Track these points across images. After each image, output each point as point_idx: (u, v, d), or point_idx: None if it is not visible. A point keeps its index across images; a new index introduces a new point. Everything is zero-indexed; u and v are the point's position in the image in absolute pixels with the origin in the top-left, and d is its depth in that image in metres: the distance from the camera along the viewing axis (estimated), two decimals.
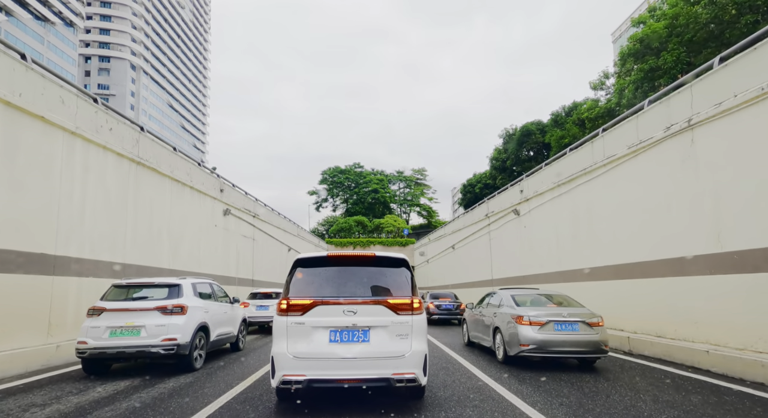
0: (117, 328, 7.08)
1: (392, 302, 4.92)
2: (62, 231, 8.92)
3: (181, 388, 6.35)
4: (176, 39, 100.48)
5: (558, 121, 39.62)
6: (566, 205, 14.32)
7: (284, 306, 4.89)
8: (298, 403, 5.35)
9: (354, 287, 5.09)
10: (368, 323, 4.82)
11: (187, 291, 7.94)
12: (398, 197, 78.77)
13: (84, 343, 6.97)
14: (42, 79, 8.43)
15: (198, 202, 16.00)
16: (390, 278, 5.25)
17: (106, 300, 7.46)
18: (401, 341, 4.84)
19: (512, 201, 19.43)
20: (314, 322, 4.81)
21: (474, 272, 25.51)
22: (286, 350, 4.76)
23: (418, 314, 4.94)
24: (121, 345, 6.98)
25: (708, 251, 8.21)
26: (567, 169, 14.25)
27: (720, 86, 8.01)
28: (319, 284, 5.13)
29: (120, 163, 11.05)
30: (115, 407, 5.30)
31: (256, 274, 23.31)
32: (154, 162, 12.66)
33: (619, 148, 11.13)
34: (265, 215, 25.42)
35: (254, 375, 7.17)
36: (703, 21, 19.48)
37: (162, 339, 7.11)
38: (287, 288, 5.10)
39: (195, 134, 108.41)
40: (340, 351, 4.72)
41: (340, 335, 4.80)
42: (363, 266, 5.30)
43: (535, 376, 7.13)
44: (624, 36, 66.99)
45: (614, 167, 11.43)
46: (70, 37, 69.16)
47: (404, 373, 4.70)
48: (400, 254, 5.51)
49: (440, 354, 9.52)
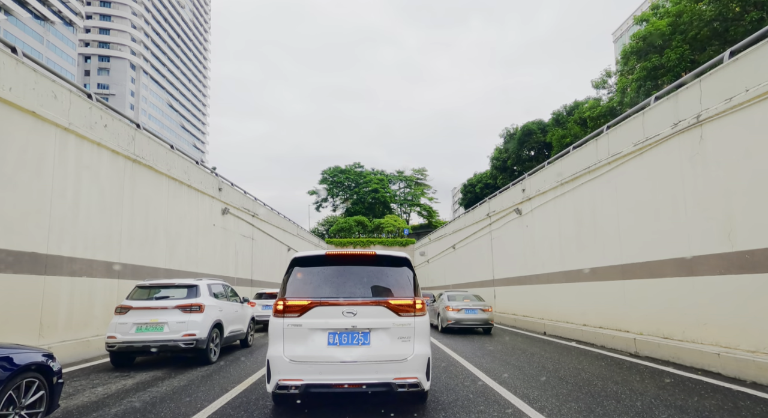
0: (142, 324, 7.82)
1: (394, 302, 4.65)
2: (54, 230, 8.70)
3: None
4: (176, 39, 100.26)
5: (559, 121, 39.40)
6: (569, 204, 14.09)
7: (281, 307, 4.66)
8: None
9: (354, 287, 4.80)
10: (368, 324, 4.57)
11: (203, 291, 8.62)
12: (398, 197, 78.56)
13: (113, 337, 7.73)
14: (33, 74, 8.20)
15: (196, 201, 15.78)
16: (391, 278, 4.95)
17: (132, 299, 8.19)
18: (403, 343, 4.58)
19: (514, 200, 19.21)
20: (312, 324, 4.56)
21: (475, 272, 25.28)
22: (282, 353, 4.52)
23: (420, 316, 4.70)
24: (146, 339, 7.70)
25: (718, 250, 7.98)
26: (570, 167, 14.03)
27: (730, 81, 7.77)
28: (317, 284, 4.85)
29: (115, 160, 10.82)
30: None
31: (255, 274, 23.08)
32: (151, 160, 12.44)
33: (625, 146, 10.90)
34: (265, 215, 25.20)
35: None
36: (707, 18, 19.23)
37: (183, 334, 7.84)
38: (284, 288, 4.87)
39: (195, 134, 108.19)
40: (339, 354, 4.48)
41: (339, 338, 4.54)
42: (363, 266, 5.01)
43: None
44: (625, 35, 66.77)
45: (619, 165, 11.20)
46: (69, 37, 68.96)
47: (406, 377, 4.45)
48: (402, 252, 5.26)
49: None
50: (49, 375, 4.23)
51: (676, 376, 7.12)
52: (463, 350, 10.18)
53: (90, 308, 9.74)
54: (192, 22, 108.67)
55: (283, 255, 29.68)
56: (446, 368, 7.84)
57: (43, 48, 62.65)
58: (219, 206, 18.13)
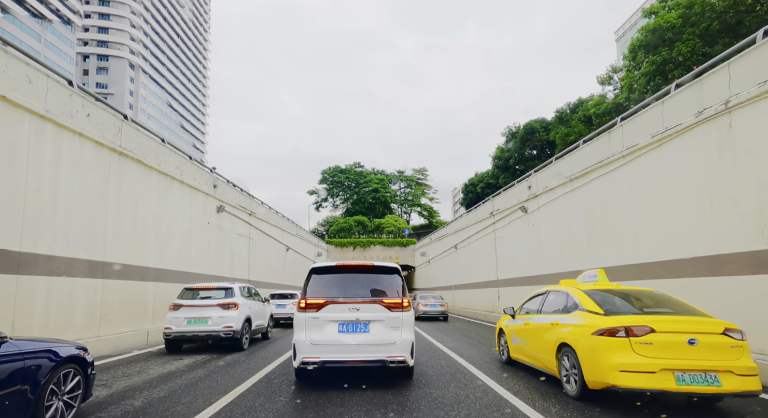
0: (192, 318, 9.83)
1: (387, 301, 6.05)
2: (29, 225, 8.04)
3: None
4: (176, 38, 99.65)
5: (563, 119, 38.70)
6: (580, 200, 13.43)
7: (303, 304, 6.05)
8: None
9: (357, 290, 6.20)
10: (368, 317, 5.98)
11: (237, 292, 10.60)
12: (399, 197, 77.80)
13: (169, 328, 9.77)
14: (3, 55, 7.55)
15: (189, 197, 15.13)
16: (385, 283, 6.33)
17: (182, 299, 10.23)
18: (393, 331, 5.97)
19: (519, 198, 18.54)
20: (326, 317, 5.96)
21: (478, 273, 24.60)
22: (305, 338, 5.93)
23: (407, 311, 6.10)
24: (195, 330, 9.75)
25: (750, 247, 7.31)
26: (580, 162, 13.37)
27: (764, 63, 7.12)
28: (329, 287, 6.23)
29: (99, 152, 10.17)
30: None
31: (252, 274, 22.41)
32: (140, 153, 11.78)
33: (641, 138, 10.24)
34: (263, 214, 24.54)
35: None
36: (720, 9, 18.57)
37: (223, 326, 9.83)
38: (305, 290, 6.22)
39: (194, 134, 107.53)
40: (347, 339, 5.89)
41: (346, 327, 5.95)
42: (364, 273, 6.44)
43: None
44: (628, 34, 66.15)
45: (635, 158, 10.54)
46: (67, 35, 68.35)
47: (396, 356, 5.85)
48: (393, 263, 6.62)
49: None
50: (85, 366, 4.64)
51: None
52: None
53: (70, 310, 9.08)
54: (191, 21, 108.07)
55: (281, 255, 29.01)
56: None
57: (41, 46, 62.01)
58: (214, 204, 17.48)
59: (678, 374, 4.59)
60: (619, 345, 4.86)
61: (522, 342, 7.36)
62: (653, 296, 6.05)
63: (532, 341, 6.92)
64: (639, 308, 5.61)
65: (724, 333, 4.82)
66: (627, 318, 5.11)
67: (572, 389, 5.49)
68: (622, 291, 6.20)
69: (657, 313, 5.38)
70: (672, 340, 4.76)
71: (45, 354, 4.09)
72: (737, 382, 4.57)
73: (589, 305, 5.69)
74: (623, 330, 4.90)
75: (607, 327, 5.04)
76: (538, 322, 6.82)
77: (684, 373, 4.60)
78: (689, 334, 4.77)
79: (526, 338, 7.18)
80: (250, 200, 22.44)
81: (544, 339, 6.39)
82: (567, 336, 5.67)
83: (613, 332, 4.96)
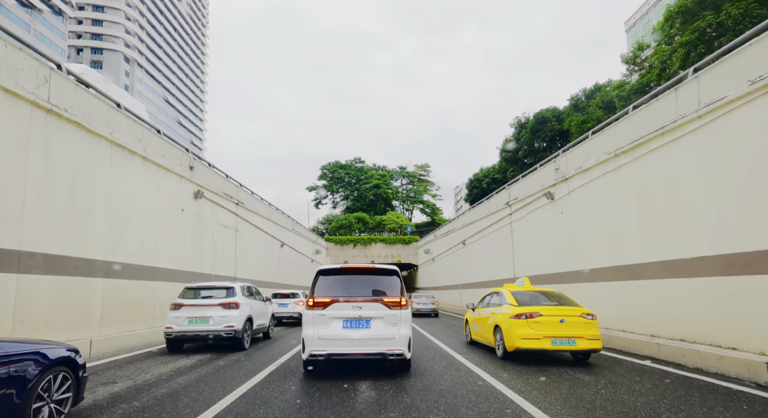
0: (193, 318, 9.70)
1: (387, 300, 6.70)
2: None
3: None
4: (173, 32, 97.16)
5: (578, 106, 36.15)
6: (629, 179, 10.95)
7: (311, 303, 6.66)
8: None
9: (360, 290, 6.86)
10: (370, 315, 6.62)
11: (238, 292, 10.51)
12: (401, 194, 75.26)
13: (170, 328, 9.58)
14: None
15: (155, 178, 12.66)
16: (385, 283, 6.99)
17: (183, 298, 10.06)
18: (393, 327, 6.61)
19: (544, 183, 16.04)
20: (332, 314, 6.60)
21: (491, 270, 22.12)
22: (313, 333, 6.54)
23: (405, 309, 6.74)
24: (196, 330, 9.60)
25: None
26: (630, 133, 10.88)
27: None
28: (335, 288, 6.86)
29: (13, 105, 7.69)
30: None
31: (239, 271, 19.93)
32: (80, 115, 9.31)
33: (732, 88, 7.76)
34: (252, 204, 22.06)
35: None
36: None
37: (224, 326, 9.70)
38: (312, 290, 6.80)
39: (192, 131, 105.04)
40: (350, 334, 6.53)
41: (350, 323, 6.59)
42: (366, 275, 7.10)
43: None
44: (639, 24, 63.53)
45: (720, 116, 8.05)
46: (59, 26, 65.92)
47: (394, 350, 6.48)
48: (393, 265, 7.20)
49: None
50: (76, 369, 4.46)
51: None
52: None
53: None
54: (189, 16, 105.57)
55: (275, 251, 26.52)
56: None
57: (30, 37, 59.52)
58: (190, 188, 15.02)
59: (553, 340, 7.83)
60: (522, 324, 8.03)
61: (477, 327, 10.38)
62: (550, 294, 9.16)
63: (482, 325, 9.87)
64: (537, 302, 8.66)
65: (582, 316, 8.02)
66: (528, 308, 8.26)
67: (499, 353, 8.60)
68: (534, 292, 9.28)
69: (547, 305, 8.48)
70: (551, 320, 7.98)
71: (32, 356, 3.92)
72: (587, 343, 7.81)
73: (512, 300, 8.84)
74: (524, 315, 8.08)
75: (517, 313, 8.18)
76: (486, 313, 9.74)
77: (557, 339, 7.85)
78: (561, 316, 8.04)
79: (479, 324, 10.21)
80: (237, 189, 19.97)
81: (487, 324, 9.42)
82: (498, 320, 8.74)
83: (519, 315, 8.12)
